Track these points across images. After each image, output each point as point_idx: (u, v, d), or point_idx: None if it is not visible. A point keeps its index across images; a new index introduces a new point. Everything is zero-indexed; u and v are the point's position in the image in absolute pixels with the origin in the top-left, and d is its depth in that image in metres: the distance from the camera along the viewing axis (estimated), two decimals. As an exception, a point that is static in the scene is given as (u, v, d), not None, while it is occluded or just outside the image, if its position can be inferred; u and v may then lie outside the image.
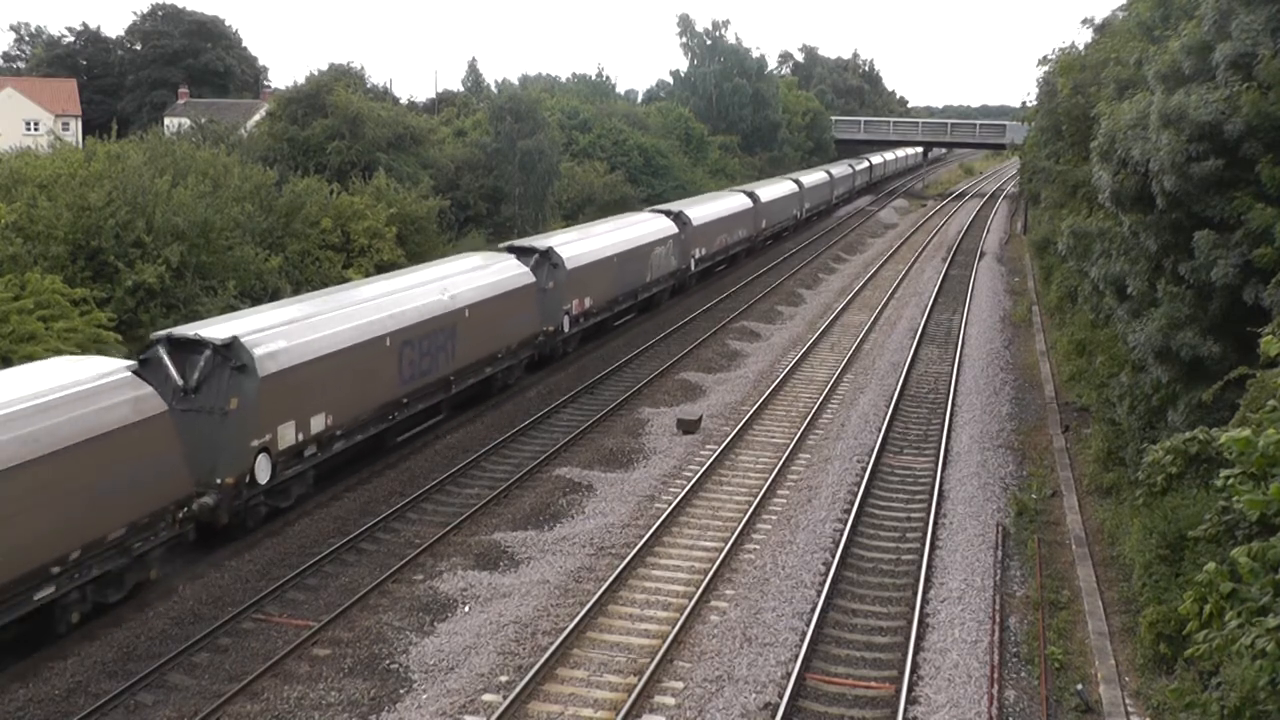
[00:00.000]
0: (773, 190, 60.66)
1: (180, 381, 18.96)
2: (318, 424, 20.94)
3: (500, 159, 51.11)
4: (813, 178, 73.05)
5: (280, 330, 20.59)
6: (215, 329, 19.94)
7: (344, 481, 22.56)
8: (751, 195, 55.45)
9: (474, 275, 28.09)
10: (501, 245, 33.62)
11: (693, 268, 44.89)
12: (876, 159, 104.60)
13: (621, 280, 36.81)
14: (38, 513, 14.82)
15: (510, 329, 28.89)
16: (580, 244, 34.57)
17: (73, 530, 15.46)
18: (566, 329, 32.65)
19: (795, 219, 66.17)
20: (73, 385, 16.12)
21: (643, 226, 40.41)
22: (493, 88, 76.00)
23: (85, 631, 16.21)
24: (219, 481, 18.72)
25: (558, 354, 32.91)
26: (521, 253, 31.73)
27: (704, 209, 47.45)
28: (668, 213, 43.75)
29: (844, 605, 17.73)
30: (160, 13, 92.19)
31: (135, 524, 16.57)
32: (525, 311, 29.83)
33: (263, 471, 19.52)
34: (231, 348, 19.19)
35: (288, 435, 20.14)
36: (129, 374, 17.27)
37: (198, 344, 19.31)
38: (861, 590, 18.33)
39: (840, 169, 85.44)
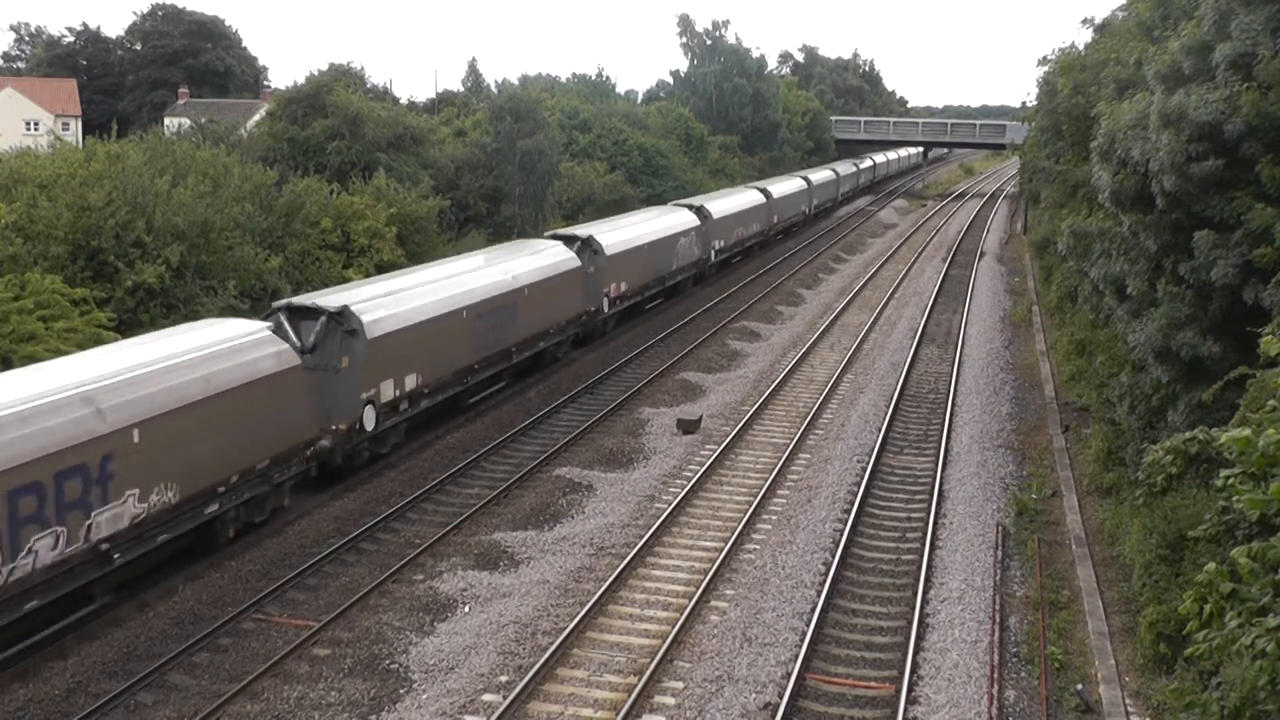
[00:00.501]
0: (784, 187, 63.78)
1: (298, 343, 21.63)
2: (410, 382, 24.27)
3: (500, 159, 51.10)
4: (820, 175, 76.13)
5: (381, 301, 23.74)
6: (327, 299, 23.02)
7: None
8: (764, 191, 58.72)
9: (530, 259, 31.20)
10: (546, 234, 37.10)
11: (712, 258, 47.92)
12: (877, 159, 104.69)
13: (652, 267, 39.96)
14: (210, 441, 18.05)
15: (560, 308, 31.95)
16: (616, 233, 37.43)
17: (233, 458, 18.69)
18: (606, 309, 35.86)
19: (804, 214, 69.36)
20: (231, 340, 19.35)
21: (669, 219, 43.22)
22: (493, 88, 75.97)
23: (85, 632, 16.21)
24: (334, 428, 21.86)
25: (598, 333, 35.97)
26: (566, 240, 34.68)
27: (723, 204, 50.40)
28: (690, 206, 46.82)
29: (844, 605, 17.73)
30: (160, 13, 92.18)
31: (275, 457, 19.82)
32: (572, 292, 32.88)
33: (369, 420, 22.78)
34: (343, 314, 22.26)
35: (388, 391, 23.47)
36: (270, 332, 20.49)
37: (314, 311, 22.33)
38: (861, 590, 18.33)
39: (845, 167, 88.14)
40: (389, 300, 23.96)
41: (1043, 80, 36.54)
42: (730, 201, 52.08)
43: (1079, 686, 15.21)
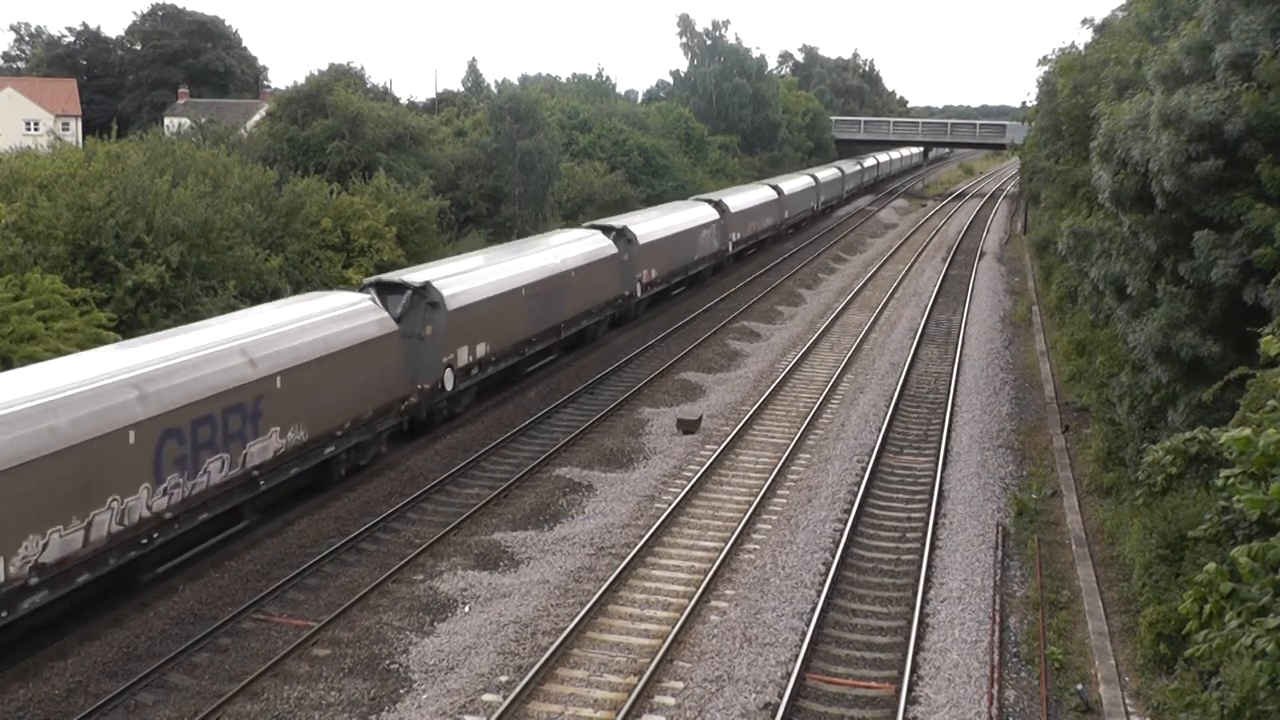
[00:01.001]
0: (793, 184, 67.37)
1: (386, 314, 24.13)
2: (481, 350, 27.52)
3: (500, 159, 51.09)
4: (826, 174, 79.69)
5: (457, 278, 27.03)
6: (412, 276, 26.30)
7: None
8: (776, 188, 62.09)
9: (575, 245, 34.47)
10: (585, 224, 40.44)
11: (730, 249, 51.09)
12: (878, 159, 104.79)
13: (678, 256, 43.23)
14: (330, 392, 21.11)
15: (600, 291, 35.23)
16: (647, 224, 40.75)
17: (346, 407, 21.76)
18: (639, 294, 39.11)
19: (812, 210, 72.93)
20: (342, 308, 22.56)
21: (692, 212, 46.45)
22: (493, 88, 75.94)
23: (85, 632, 16.21)
24: (420, 387, 24.88)
25: (631, 315, 39.03)
26: (604, 230, 37.74)
27: (740, 199, 53.85)
28: (711, 201, 49.83)
29: (844, 605, 17.73)
30: (160, 13, 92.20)
31: (377, 410, 22.96)
32: (610, 277, 36.12)
33: (449, 381, 25.96)
34: (426, 288, 25.49)
35: (463, 356, 26.72)
36: (371, 302, 23.61)
37: (401, 286, 25.51)
38: (861, 590, 18.33)
39: (850, 166, 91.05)
40: (463, 277, 27.42)
41: (1043, 80, 36.57)
42: (746, 197, 55.30)
43: (1079, 686, 15.21)
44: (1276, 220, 15.14)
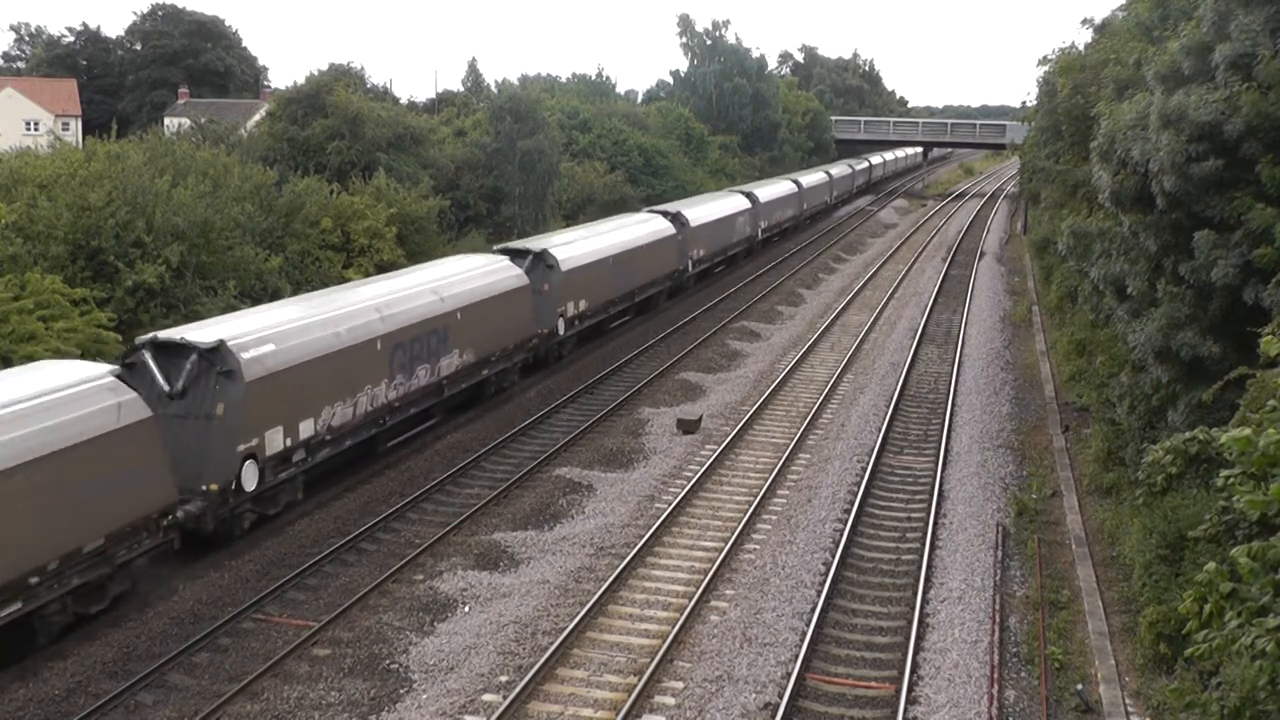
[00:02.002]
0: (810, 179, 74.32)
1: (521, 270, 30.52)
2: (581, 305, 33.89)
3: (500, 159, 51.09)
4: (838, 170, 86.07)
5: (565, 246, 33.47)
6: (532, 243, 33.19)
7: (341, 483, 22.96)
8: (796, 182, 69.04)
9: (640, 227, 40.63)
10: (644, 209, 47.30)
11: (759, 235, 57.79)
12: (877, 159, 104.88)
13: (719, 238, 49.85)
14: (488, 326, 27.49)
15: (661, 265, 41.52)
16: (696, 209, 47.14)
17: (497, 340, 28.15)
18: (690, 269, 45.34)
19: (826, 203, 79.71)
20: (491, 264, 29.37)
21: (731, 200, 53.35)
22: (493, 88, 75.90)
23: (86, 632, 16.21)
24: (541, 331, 31.25)
25: (684, 287, 45.65)
26: (663, 214, 43.94)
27: (766, 191, 60.64)
28: (744, 193, 56.38)
29: (844, 605, 17.73)
30: (160, 13, 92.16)
31: (516, 344, 29.41)
32: (668, 253, 42.32)
33: (561, 328, 32.39)
34: (545, 254, 31.91)
35: (570, 309, 33.12)
36: (509, 261, 30.46)
37: (524, 251, 32.09)
38: (861, 590, 18.33)
39: (859, 164, 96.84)
40: (569, 246, 33.63)
41: (1043, 80, 36.57)
42: (772, 190, 62.63)
43: (1079, 686, 15.20)
44: (1276, 220, 15.14)
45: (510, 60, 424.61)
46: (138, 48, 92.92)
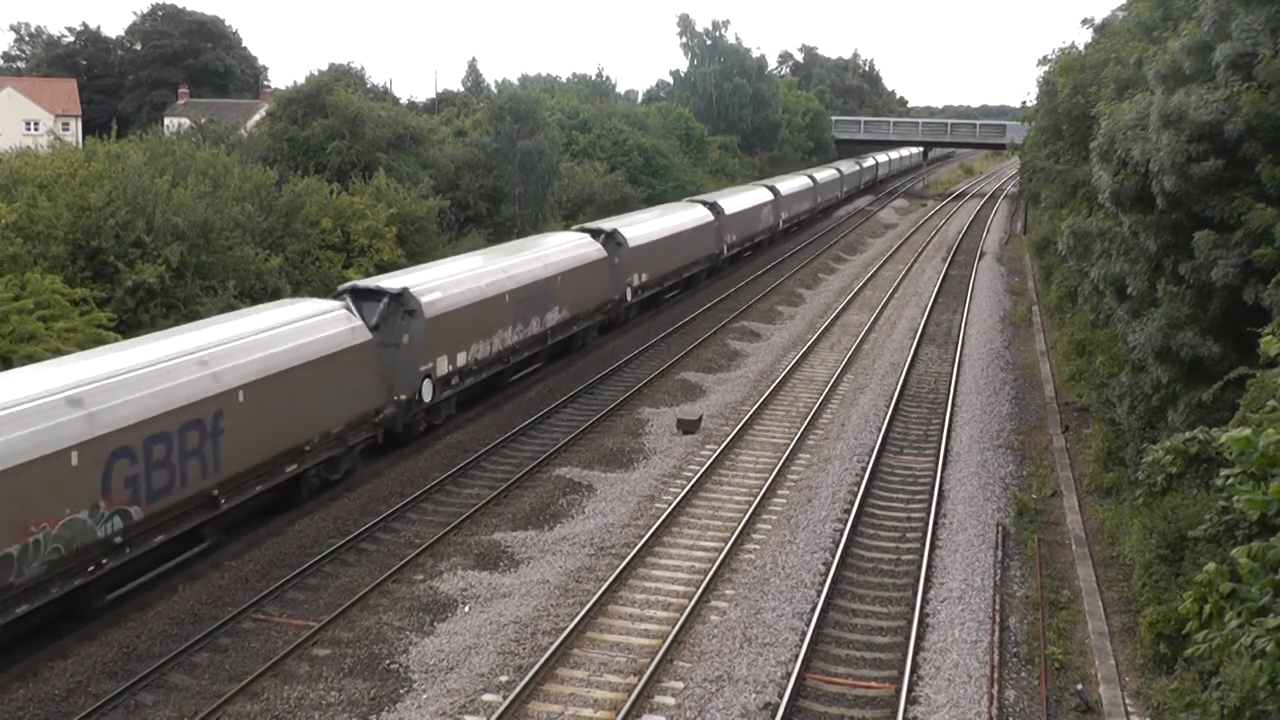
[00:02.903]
0: (823, 175, 78.58)
1: (599, 245, 35.81)
2: (645, 277, 39.61)
3: (500, 159, 51.08)
4: (848, 168, 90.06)
5: (634, 229, 39.25)
6: (599, 224, 38.76)
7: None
8: (811, 177, 73.48)
9: (684, 215, 45.33)
10: (685, 200, 52.78)
11: (780, 225, 62.81)
12: (877, 159, 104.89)
13: (749, 226, 55.17)
14: (577, 289, 32.69)
15: (700, 248, 46.54)
16: (731, 199, 52.70)
17: (583, 302, 33.44)
18: (725, 253, 50.43)
19: (837, 198, 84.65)
20: (572, 241, 34.79)
21: (754, 195, 58.17)
22: (493, 88, 75.87)
23: (85, 632, 16.21)
24: (614, 297, 36.83)
25: (720, 269, 50.86)
26: (703, 203, 49.06)
27: (786, 185, 65.64)
28: (768, 186, 61.99)
29: (844, 605, 17.73)
30: (160, 13, 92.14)
31: (596, 307, 35.13)
32: (707, 238, 47.18)
33: (629, 295, 38.18)
34: (614, 234, 37.02)
35: (635, 280, 38.64)
36: (590, 236, 36.21)
37: (596, 232, 36.97)
38: (861, 590, 18.33)
39: (866, 161, 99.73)
40: (637, 226, 39.66)
41: (1043, 80, 36.57)
42: (790, 184, 67.35)
43: (1079, 686, 15.21)
44: (1276, 220, 15.13)
45: (510, 60, 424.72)
46: (138, 48, 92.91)
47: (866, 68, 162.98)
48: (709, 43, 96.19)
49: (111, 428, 15.80)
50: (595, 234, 36.67)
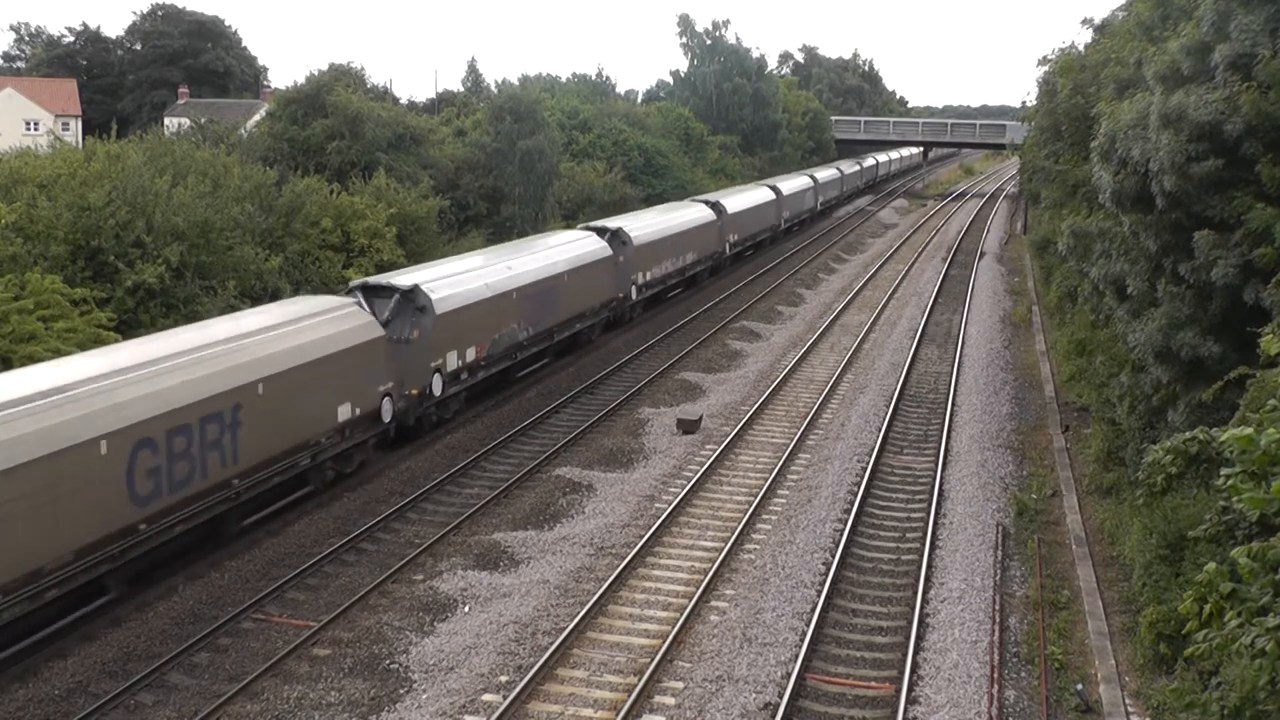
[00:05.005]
0: (825, 174, 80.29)
1: (606, 244, 36.54)
2: (656, 273, 40.79)
3: (500, 159, 51.06)
4: (849, 167, 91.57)
5: (641, 228, 39.86)
6: (606, 222, 39.70)
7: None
8: (812, 177, 75.17)
9: (688, 213, 46.44)
10: (690, 199, 53.26)
11: (782, 225, 64.37)
12: (877, 158, 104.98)
13: (754, 225, 56.96)
14: (583, 288, 33.41)
15: (704, 245, 47.30)
16: (734, 199, 53.54)
17: (589, 300, 34.13)
18: (728, 251, 51.64)
19: (838, 197, 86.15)
20: (578, 237, 35.61)
21: (757, 194, 59.50)
22: (493, 88, 75.75)
23: (85, 632, 16.21)
24: (620, 295, 37.52)
25: (723, 267, 51.62)
26: (705, 202, 50.04)
27: (788, 184, 66.93)
28: (770, 186, 63.27)
29: (844, 605, 17.73)
30: (160, 13, 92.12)
31: (601, 305, 35.58)
32: (710, 235, 48.22)
33: (634, 294, 38.74)
34: (620, 232, 37.70)
35: (640, 278, 39.34)
36: (595, 234, 36.69)
37: (603, 230, 37.54)
38: (861, 590, 18.33)
39: (866, 161, 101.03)
40: (641, 225, 40.01)
41: (1043, 80, 36.51)
42: (792, 183, 68.74)
43: (1079, 686, 15.20)
44: (1276, 220, 15.13)
45: (510, 60, 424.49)
46: (138, 48, 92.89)
47: (866, 68, 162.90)
48: (709, 43, 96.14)
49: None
50: (600, 232, 37.07)
